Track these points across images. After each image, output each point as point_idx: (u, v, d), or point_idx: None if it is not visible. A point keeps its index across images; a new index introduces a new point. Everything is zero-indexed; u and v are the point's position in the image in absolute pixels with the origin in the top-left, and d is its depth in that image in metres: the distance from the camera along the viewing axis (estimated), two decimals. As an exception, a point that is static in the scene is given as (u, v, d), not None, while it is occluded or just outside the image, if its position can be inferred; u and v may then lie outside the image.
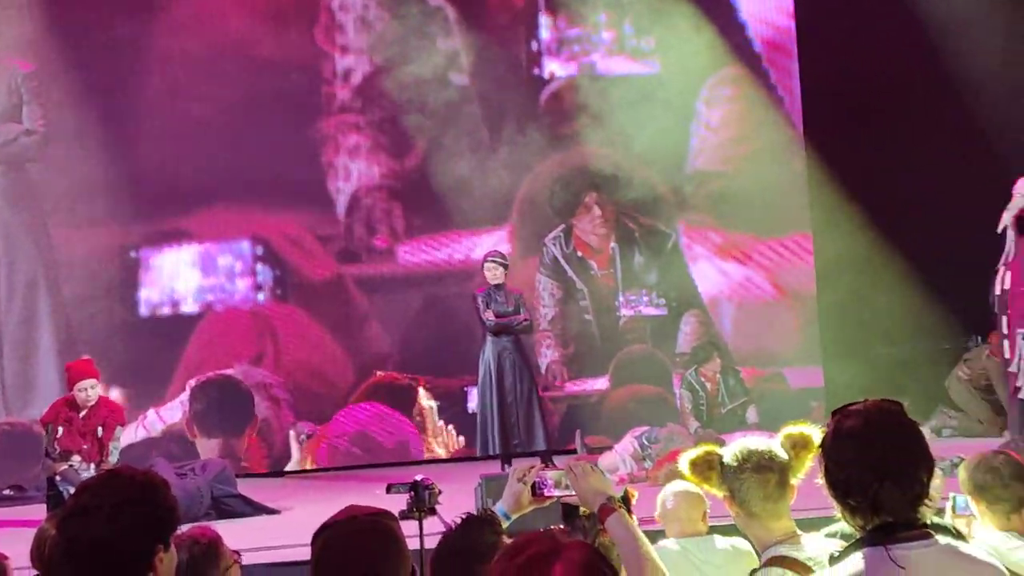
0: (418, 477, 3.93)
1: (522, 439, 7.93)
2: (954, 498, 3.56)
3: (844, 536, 2.83)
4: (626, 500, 2.97)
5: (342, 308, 10.14)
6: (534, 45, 10.47)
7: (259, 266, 10.10)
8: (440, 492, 3.91)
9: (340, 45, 10.27)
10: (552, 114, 10.35)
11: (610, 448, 8.07)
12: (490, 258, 8.19)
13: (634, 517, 2.60)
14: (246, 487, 7.72)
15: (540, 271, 10.30)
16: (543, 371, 10.09)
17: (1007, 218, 7.31)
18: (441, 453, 9.95)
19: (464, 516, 2.78)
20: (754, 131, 10.44)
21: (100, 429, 7.18)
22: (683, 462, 2.83)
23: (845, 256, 9.99)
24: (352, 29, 10.27)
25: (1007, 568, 2.26)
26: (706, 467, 2.83)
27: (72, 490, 2.86)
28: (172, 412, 9.79)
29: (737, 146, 10.52)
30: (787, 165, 10.37)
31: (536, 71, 10.46)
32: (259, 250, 10.08)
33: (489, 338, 8.01)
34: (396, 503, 3.80)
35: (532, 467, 2.84)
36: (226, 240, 10.03)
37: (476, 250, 9.80)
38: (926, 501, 2.21)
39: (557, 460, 6.73)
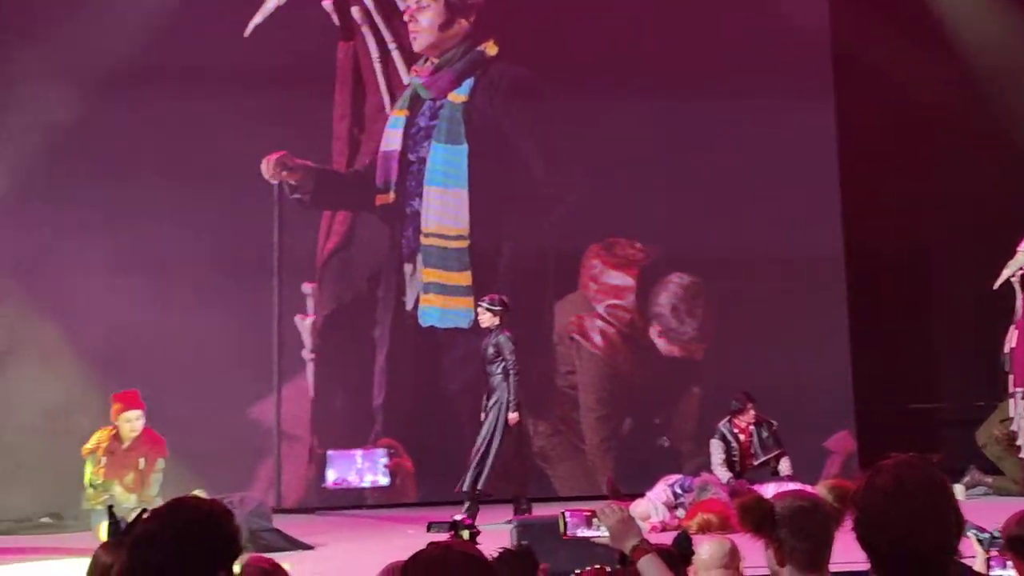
0: (457, 517, 4.02)
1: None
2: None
3: None
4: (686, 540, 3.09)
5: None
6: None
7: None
8: (479, 532, 3.98)
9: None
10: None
11: (642, 495, 8.09)
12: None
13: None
14: (280, 522, 7.81)
15: None
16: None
17: (1006, 274, 7.31)
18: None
19: (500, 551, 2.86)
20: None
21: (142, 461, 7.34)
22: (734, 509, 2.91)
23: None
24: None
25: None
26: (758, 515, 2.89)
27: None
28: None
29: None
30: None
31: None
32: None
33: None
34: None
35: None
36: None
37: None
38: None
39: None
